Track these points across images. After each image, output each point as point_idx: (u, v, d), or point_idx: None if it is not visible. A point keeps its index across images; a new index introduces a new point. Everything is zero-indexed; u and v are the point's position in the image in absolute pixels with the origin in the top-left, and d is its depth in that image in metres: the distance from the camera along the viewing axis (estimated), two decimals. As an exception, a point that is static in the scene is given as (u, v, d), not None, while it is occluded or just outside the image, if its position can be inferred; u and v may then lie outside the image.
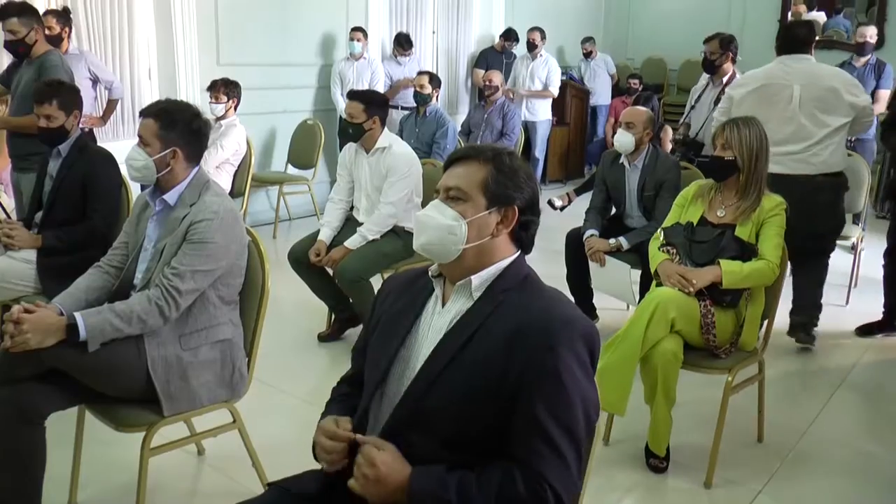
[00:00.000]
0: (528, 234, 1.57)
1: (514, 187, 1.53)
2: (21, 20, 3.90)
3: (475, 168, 1.53)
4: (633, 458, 2.88)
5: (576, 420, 1.39)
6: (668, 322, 2.70)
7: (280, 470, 2.51)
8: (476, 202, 1.52)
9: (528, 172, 1.57)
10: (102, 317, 2.12)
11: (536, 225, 1.59)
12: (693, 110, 4.95)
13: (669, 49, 10.10)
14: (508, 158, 1.55)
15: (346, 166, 3.99)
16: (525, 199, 1.54)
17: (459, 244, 1.50)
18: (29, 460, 2.12)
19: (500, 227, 1.53)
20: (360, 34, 6.67)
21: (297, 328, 4.14)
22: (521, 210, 1.54)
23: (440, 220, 1.52)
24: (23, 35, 3.91)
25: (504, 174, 1.53)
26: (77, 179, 3.21)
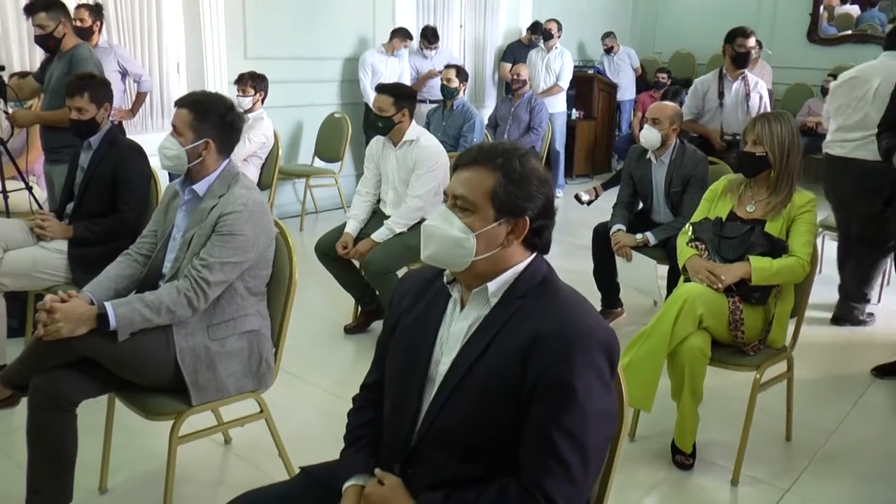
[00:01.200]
0: (541, 239, 1.49)
1: (524, 197, 1.44)
2: (49, 14, 3.94)
3: (483, 175, 1.44)
4: (658, 454, 2.86)
5: (586, 432, 1.35)
6: (696, 318, 2.68)
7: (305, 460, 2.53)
8: (484, 213, 1.44)
9: (541, 177, 1.47)
10: (132, 307, 2.15)
11: (551, 227, 1.51)
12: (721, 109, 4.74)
13: (698, 43, 9.99)
14: (519, 163, 1.44)
15: (374, 159, 4.00)
16: (537, 208, 1.45)
17: (468, 257, 1.44)
18: (61, 447, 2.15)
19: (511, 238, 1.45)
20: (409, 41, 6.76)
21: (323, 320, 4.16)
22: (532, 219, 1.46)
23: (447, 231, 1.45)
24: (51, 29, 3.96)
25: (514, 183, 1.43)
26: (107, 171, 3.25)
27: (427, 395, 1.51)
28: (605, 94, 8.85)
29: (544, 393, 1.35)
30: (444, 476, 1.45)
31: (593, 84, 8.68)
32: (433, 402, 1.47)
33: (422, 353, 1.52)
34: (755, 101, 4.68)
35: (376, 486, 1.49)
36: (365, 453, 1.59)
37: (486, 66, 8.51)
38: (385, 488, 1.48)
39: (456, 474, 1.44)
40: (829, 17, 9.33)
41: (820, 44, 9.21)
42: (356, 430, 1.65)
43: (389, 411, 1.59)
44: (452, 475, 1.44)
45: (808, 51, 9.19)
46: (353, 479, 1.55)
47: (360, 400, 1.72)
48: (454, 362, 1.46)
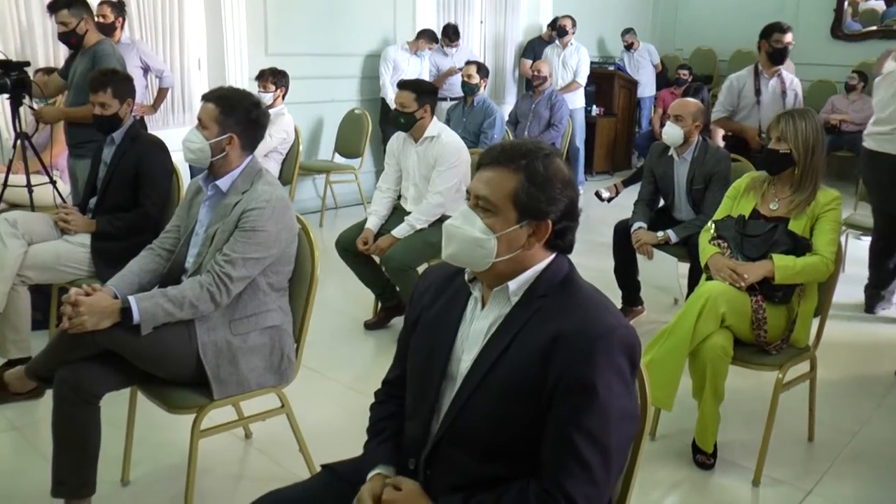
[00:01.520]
0: (564, 241, 1.47)
1: (547, 200, 1.41)
2: (71, 11, 3.97)
3: (505, 176, 1.42)
4: (679, 453, 2.84)
5: (607, 432, 1.34)
6: (718, 317, 2.66)
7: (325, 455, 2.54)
8: (506, 215, 1.42)
9: (565, 179, 1.44)
10: (155, 301, 2.16)
11: (575, 229, 1.49)
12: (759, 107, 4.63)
13: (719, 39, 9.92)
14: (542, 165, 1.41)
15: (394, 155, 4.00)
16: (560, 211, 1.43)
17: (489, 258, 1.43)
18: (85, 439, 2.18)
19: (532, 240, 1.44)
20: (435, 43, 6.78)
21: (344, 316, 4.17)
22: (555, 222, 1.43)
23: (468, 232, 1.44)
24: (73, 26, 3.99)
25: (537, 186, 1.41)
26: (130, 166, 3.27)
27: (447, 393, 1.50)
28: (625, 90, 8.81)
29: (565, 393, 1.34)
30: (465, 475, 1.45)
31: (613, 81, 8.64)
32: (454, 401, 1.47)
33: (442, 351, 1.52)
34: (790, 99, 4.59)
35: (394, 492, 1.48)
36: (388, 445, 1.59)
37: (507, 62, 8.49)
38: (402, 493, 1.47)
39: (476, 474, 1.44)
40: (854, 13, 9.22)
41: (844, 40, 9.10)
42: (378, 423, 1.65)
43: (410, 408, 1.59)
44: (473, 475, 1.44)
45: (832, 47, 9.08)
46: (378, 468, 1.55)
47: (381, 395, 1.72)
48: (476, 361, 1.46)
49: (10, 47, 4.95)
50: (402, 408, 1.63)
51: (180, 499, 2.32)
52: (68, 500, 2.20)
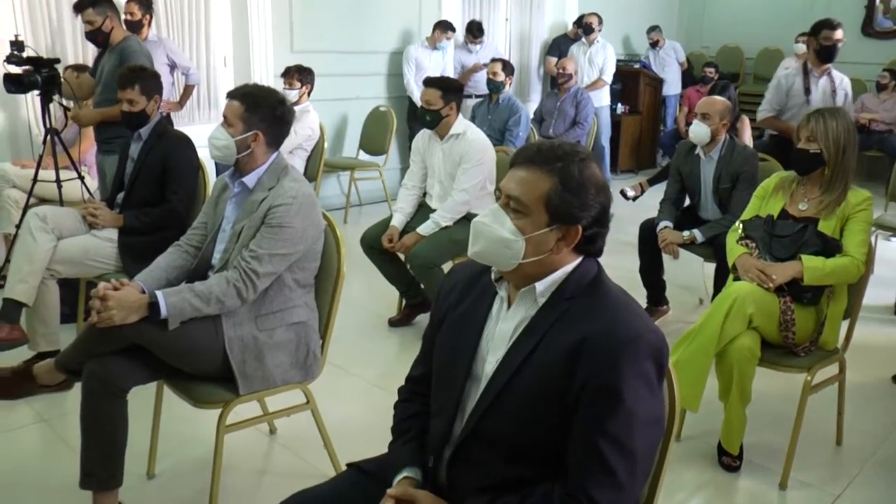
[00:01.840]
0: (594, 246, 1.45)
1: (579, 206, 1.39)
2: (96, 10, 4.02)
3: (539, 177, 1.40)
4: (704, 455, 2.82)
5: (633, 438, 1.32)
6: (746, 317, 2.63)
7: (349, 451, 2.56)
8: (537, 218, 1.40)
9: (599, 184, 1.41)
10: (182, 296, 2.18)
11: (605, 235, 1.46)
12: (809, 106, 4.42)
13: (746, 37, 9.84)
14: (578, 169, 1.39)
15: (420, 152, 4.00)
16: (592, 217, 1.41)
17: (515, 259, 1.41)
18: (113, 431, 2.20)
19: (561, 245, 1.42)
20: (451, 32, 6.75)
21: (368, 312, 4.18)
22: (585, 227, 1.41)
23: (497, 231, 1.42)
24: (99, 24, 4.03)
25: (570, 190, 1.38)
26: (157, 162, 3.31)
27: (472, 393, 1.50)
28: (650, 88, 8.75)
29: (591, 397, 1.33)
30: (490, 476, 1.44)
31: (639, 78, 8.59)
32: (479, 402, 1.46)
33: (466, 351, 1.51)
34: (840, 98, 4.48)
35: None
36: (413, 445, 1.59)
37: (532, 60, 8.47)
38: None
39: (501, 475, 1.43)
40: (885, 10, 9.07)
41: (875, 37, 8.97)
42: (403, 423, 1.65)
43: (435, 406, 1.59)
44: (497, 476, 1.43)
45: (863, 44, 8.95)
46: (405, 471, 1.55)
47: (405, 392, 1.72)
48: (501, 362, 1.45)
49: (40, 45, 5.02)
50: (426, 406, 1.63)
51: (205, 492, 2.34)
52: (96, 492, 2.21)
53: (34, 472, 2.65)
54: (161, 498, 2.54)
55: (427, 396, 1.63)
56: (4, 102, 4.78)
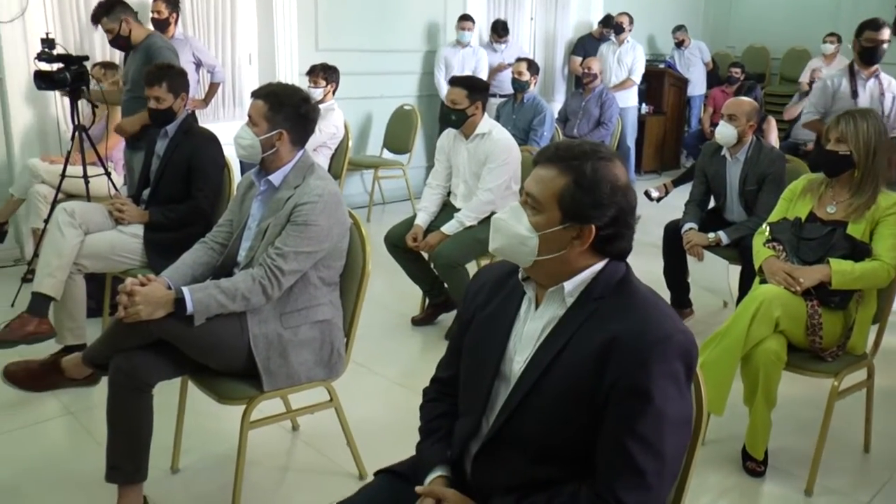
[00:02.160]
0: (613, 247, 1.43)
1: (592, 205, 1.38)
2: (110, 18, 4.05)
3: (553, 176, 1.40)
4: (729, 459, 2.79)
5: (662, 439, 1.32)
6: (772, 321, 2.60)
7: (371, 449, 2.58)
8: (550, 215, 1.41)
9: (616, 185, 1.40)
10: (208, 292, 2.19)
11: (626, 238, 1.44)
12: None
13: (773, 37, 9.74)
14: (591, 168, 1.38)
15: (445, 152, 4.00)
16: (608, 217, 1.39)
17: (531, 255, 1.43)
18: (138, 425, 2.22)
19: (576, 243, 1.41)
20: (469, 23, 6.71)
21: (391, 311, 4.19)
22: (600, 227, 1.40)
23: (514, 227, 1.44)
24: (116, 30, 4.06)
25: (583, 189, 1.38)
26: (183, 159, 3.33)
27: (500, 393, 1.49)
28: (675, 88, 8.69)
29: (620, 397, 1.32)
30: (516, 476, 1.44)
31: (664, 78, 8.54)
32: (507, 402, 1.46)
33: (495, 351, 1.51)
34: (888, 102, 4.36)
35: None
36: (443, 444, 1.59)
37: (557, 59, 8.44)
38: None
39: (528, 475, 1.43)
40: (916, 10, 8.94)
41: (905, 37, 8.83)
42: (431, 423, 1.65)
43: (463, 406, 1.59)
44: (524, 475, 1.43)
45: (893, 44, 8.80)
46: (437, 470, 1.55)
47: (431, 392, 1.72)
48: (529, 362, 1.44)
49: (69, 42, 5.07)
50: (453, 406, 1.63)
51: (228, 488, 2.35)
52: (121, 485, 2.24)
53: (61, 464, 2.68)
54: (185, 492, 2.56)
55: (454, 397, 1.63)
56: (34, 99, 4.84)
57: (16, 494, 2.51)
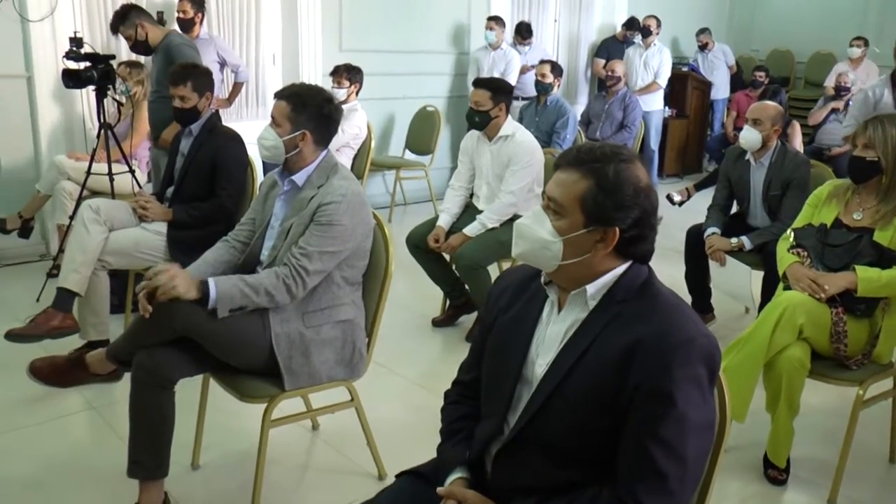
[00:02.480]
0: (636, 250, 1.43)
1: (615, 207, 1.38)
2: (125, 25, 4.11)
3: (575, 179, 1.40)
4: (750, 467, 2.77)
5: (684, 443, 1.31)
6: (796, 328, 2.57)
7: (390, 449, 2.59)
8: (573, 219, 1.40)
9: (639, 187, 1.39)
10: (233, 283, 2.21)
11: (648, 240, 1.44)
12: None
13: (798, 40, 9.64)
14: (614, 171, 1.38)
15: (468, 153, 4.00)
16: (631, 219, 1.39)
17: (555, 260, 1.42)
18: (160, 422, 2.23)
19: (599, 247, 1.41)
20: (494, 23, 6.71)
21: (412, 312, 4.19)
22: (623, 230, 1.40)
23: (536, 232, 1.43)
24: (133, 36, 4.11)
25: (605, 192, 1.38)
26: (206, 158, 3.35)
27: (522, 396, 1.49)
28: (698, 92, 8.63)
29: (643, 401, 1.32)
30: (537, 478, 1.43)
31: (687, 82, 8.48)
32: (529, 405, 1.46)
33: (517, 353, 1.51)
34: None
35: None
36: (464, 446, 1.59)
37: (580, 62, 8.42)
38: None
39: (549, 478, 1.42)
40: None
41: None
42: (453, 424, 1.64)
43: (484, 409, 1.59)
44: (545, 478, 1.43)
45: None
46: (457, 471, 1.55)
47: (453, 395, 1.71)
48: (552, 365, 1.44)
49: (96, 41, 5.12)
50: (475, 409, 1.63)
51: (248, 485, 2.36)
52: (143, 480, 2.25)
53: (83, 459, 2.71)
54: (205, 489, 2.57)
55: (476, 400, 1.63)
56: (61, 97, 4.90)
57: (39, 487, 2.54)
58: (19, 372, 2.66)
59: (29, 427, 2.89)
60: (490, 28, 6.67)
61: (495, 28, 6.68)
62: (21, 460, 2.68)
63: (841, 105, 6.89)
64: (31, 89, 4.81)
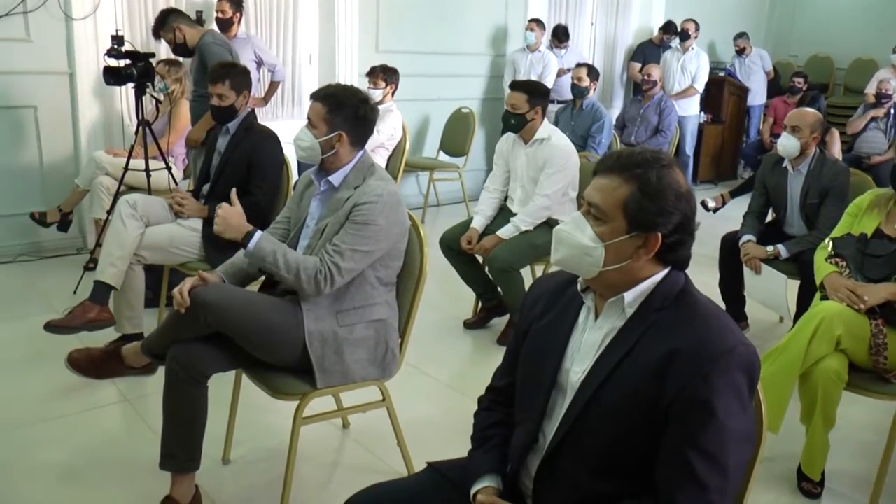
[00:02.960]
0: (676, 255, 1.42)
1: (657, 212, 1.37)
2: (165, 30, 4.19)
3: (617, 184, 1.39)
4: (783, 479, 2.72)
5: (725, 453, 1.30)
6: (834, 339, 2.53)
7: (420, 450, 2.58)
8: (616, 224, 1.40)
9: (680, 192, 1.39)
10: (273, 246, 2.28)
11: (687, 245, 1.43)
12: None
13: (838, 46, 9.48)
14: (656, 176, 1.37)
15: (503, 156, 4.00)
16: (672, 224, 1.38)
17: (596, 267, 1.41)
18: (194, 416, 2.26)
19: (641, 252, 1.40)
20: (535, 24, 6.70)
21: (443, 313, 4.18)
22: (665, 235, 1.39)
23: (577, 238, 1.42)
24: (173, 39, 4.19)
25: (648, 196, 1.37)
26: (243, 156, 3.38)
27: (557, 403, 1.49)
28: (735, 97, 8.53)
29: (682, 411, 1.30)
30: (577, 490, 1.42)
31: (723, 87, 8.38)
32: (567, 414, 1.44)
33: (552, 360, 1.50)
34: None
35: None
36: (495, 454, 1.58)
37: (616, 65, 8.37)
38: None
39: (588, 489, 1.41)
40: None
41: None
42: (485, 431, 1.64)
43: (518, 416, 1.58)
44: (585, 490, 1.41)
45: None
46: (486, 479, 1.54)
47: (486, 401, 1.71)
48: (589, 373, 1.43)
49: (137, 39, 5.20)
50: (508, 416, 1.62)
51: (278, 481, 2.37)
52: (175, 473, 2.28)
53: (116, 450, 2.75)
54: (235, 484, 2.60)
55: (509, 407, 1.63)
56: (101, 94, 4.98)
57: (73, 476, 2.59)
58: (55, 362, 2.71)
59: (64, 417, 2.94)
60: (531, 29, 6.66)
61: (535, 30, 6.66)
62: (56, 448, 2.73)
63: (881, 113, 6.75)
64: (73, 86, 4.90)
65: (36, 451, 2.71)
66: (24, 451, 2.70)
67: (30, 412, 2.96)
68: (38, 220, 4.66)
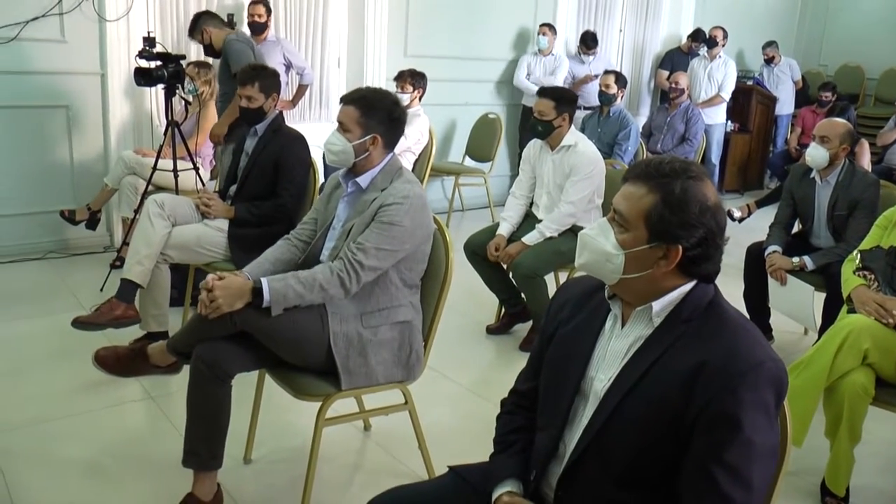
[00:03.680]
0: (700, 269, 1.40)
1: (679, 224, 1.35)
2: (196, 31, 4.34)
3: (642, 194, 1.38)
4: (807, 494, 2.69)
5: (750, 468, 1.28)
6: (861, 353, 2.50)
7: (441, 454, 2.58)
8: (637, 233, 1.39)
9: (705, 205, 1.36)
10: (286, 283, 2.22)
11: (713, 259, 1.40)
12: None
13: (869, 56, 9.34)
14: (681, 188, 1.36)
15: (530, 162, 4.00)
16: (696, 238, 1.36)
17: (616, 273, 1.41)
18: (217, 414, 2.28)
19: (661, 263, 1.39)
20: (547, 28, 6.68)
21: (466, 318, 4.18)
22: (687, 248, 1.37)
23: (600, 244, 1.43)
24: (200, 40, 4.30)
25: (671, 208, 1.35)
26: (270, 158, 3.41)
27: (580, 410, 1.48)
28: (762, 106, 8.45)
29: (708, 425, 1.29)
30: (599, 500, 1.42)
31: (751, 95, 8.30)
32: (591, 422, 1.44)
33: (576, 367, 1.50)
34: None
35: None
36: (517, 459, 1.57)
37: (644, 72, 8.33)
38: None
39: (612, 499, 1.40)
40: None
41: None
42: (507, 436, 1.64)
43: (541, 421, 1.57)
44: (608, 500, 1.41)
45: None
46: (507, 484, 1.54)
47: (509, 405, 1.70)
48: (614, 382, 1.42)
49: (168, 41, 5.26)
50: (530, 421, 1.62)
51: (299, 482, 2.39)
52: (197, 470, 2.30)
53: (140, 446, 2.78)
54: (256, 483, 2.61)
55: (532, 411, 1.62)
56: (132, 95, 5.04)
57: (97, 470, 2.62)
58: (80, 358, 2.74)
59: (89, 412, 2.98)
60: (543, 34, 6.66)
61: (548, 34, 6.67)
62: (81, 444, 2.76)
63: (913, 125, 6.68)
64: (105, 86, 4.97)
65: (61, 445, 2.75)
66: (49, 445, 2.74)
67: (56, 407, 3.00)
68: (67, 218, 4.73)
